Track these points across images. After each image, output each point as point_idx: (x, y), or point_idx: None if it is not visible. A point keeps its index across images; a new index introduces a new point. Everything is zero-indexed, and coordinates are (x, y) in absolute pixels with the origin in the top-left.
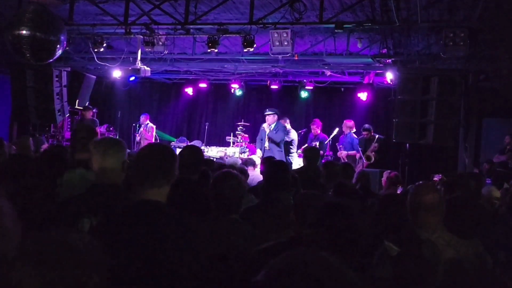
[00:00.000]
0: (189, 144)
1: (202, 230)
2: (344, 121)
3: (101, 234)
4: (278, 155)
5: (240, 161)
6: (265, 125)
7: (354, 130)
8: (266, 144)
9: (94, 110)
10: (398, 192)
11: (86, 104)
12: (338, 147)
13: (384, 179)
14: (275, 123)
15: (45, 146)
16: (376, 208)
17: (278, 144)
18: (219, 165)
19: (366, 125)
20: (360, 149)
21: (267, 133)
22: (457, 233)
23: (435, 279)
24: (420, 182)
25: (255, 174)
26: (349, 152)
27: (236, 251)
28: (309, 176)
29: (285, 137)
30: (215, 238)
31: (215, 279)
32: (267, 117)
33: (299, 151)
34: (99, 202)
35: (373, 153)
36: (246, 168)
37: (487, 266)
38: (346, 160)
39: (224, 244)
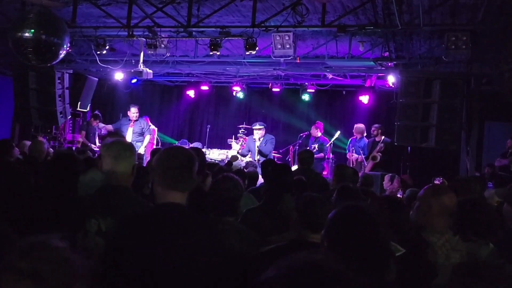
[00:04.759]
0: (191, 146)
1: (222, 234)
2: (356, 125)
3: (125, 236)
4: None
5: (243, 164)
6: (256, 137)
7: (366, 133)
8: (257, 157)
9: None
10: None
11: (93, 111)
12: (349, 149)
13: (396, 180)
14: (263, 136)
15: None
16: (375, 210)
17: (266, 156)
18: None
19: (376, 125)
20: (361, 152)
21: (256, 145)
22: (464, 235)
23: (439, 283)
24: (431, 184)
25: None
26: (359, 156)
27: (231, 254)
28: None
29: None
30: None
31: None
32: (256, 131)
33: None
34: (108, 203)
35: (379, 153)
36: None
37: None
38: (355, 164)
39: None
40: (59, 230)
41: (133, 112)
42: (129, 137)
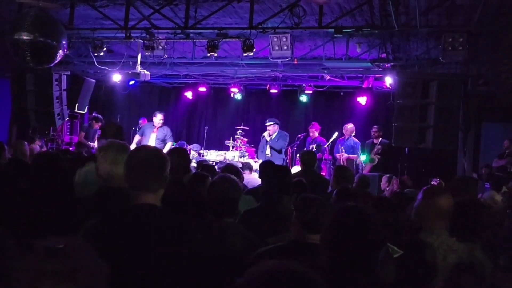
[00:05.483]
0: (173, 147)
1: (199, 233)
2: (345, 125)
3: (97, 237)
4: (279, 162)
5: (240, 165)
6: (265, 134)
7: (354, 133)
8: (268, 152)
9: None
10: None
11: (90, 112)
12: (339, 149)
13: (395, 182)
14: (276, 133)
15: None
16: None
17: (279, 152)
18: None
19: (377, 126)
20: (358, 153)
21: (268, 141)
22: (460, 236)
23: (437, 284)
24: (428, 186)
25: (250, 178)
26: (350, 155)
27: (230, 254)
28: (307, 180)
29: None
30: (208, 241)
31: (209, 282)
32: (268, 127)
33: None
34: (109, 205)
35: (377, 155)
36: (242, 171)
37: (486, 271)
38: (346, 164)
39: (217, 247)
40: (60, 232)
41: (159, 118)
42: (152, 142)
